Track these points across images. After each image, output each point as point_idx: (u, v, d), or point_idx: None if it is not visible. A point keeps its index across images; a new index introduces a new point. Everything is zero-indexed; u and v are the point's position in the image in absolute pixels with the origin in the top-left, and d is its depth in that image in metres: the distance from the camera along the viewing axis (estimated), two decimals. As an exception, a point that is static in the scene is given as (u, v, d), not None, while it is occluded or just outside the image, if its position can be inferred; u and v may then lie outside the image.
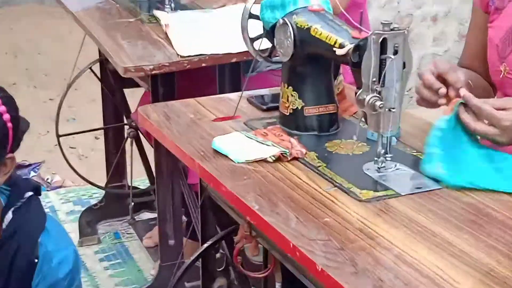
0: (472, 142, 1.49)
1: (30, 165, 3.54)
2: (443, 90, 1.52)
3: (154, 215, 2.89)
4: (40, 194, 1.72)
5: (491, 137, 1.46)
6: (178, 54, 2.23)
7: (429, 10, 4.48)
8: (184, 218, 2.67)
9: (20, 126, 1.61)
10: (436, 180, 1.42)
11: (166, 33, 2.40)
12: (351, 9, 2.28)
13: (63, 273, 1.66)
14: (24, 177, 1.75)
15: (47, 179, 3.54)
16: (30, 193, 1.68)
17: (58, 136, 3.06)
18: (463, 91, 1.47)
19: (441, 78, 1.54)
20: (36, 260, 1.62)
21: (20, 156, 3.36)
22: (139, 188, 3.21)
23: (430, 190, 1.40)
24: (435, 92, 1.54)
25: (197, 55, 2.23)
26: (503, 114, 1.43)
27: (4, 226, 1.62)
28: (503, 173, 1.47)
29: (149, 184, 3.20)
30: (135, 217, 3.09)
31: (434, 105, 1.58)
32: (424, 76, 1.56)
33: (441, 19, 4.52)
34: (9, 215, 1.62)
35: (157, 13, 2.56)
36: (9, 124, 1.53)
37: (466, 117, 1.46)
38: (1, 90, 1.60)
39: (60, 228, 1.74)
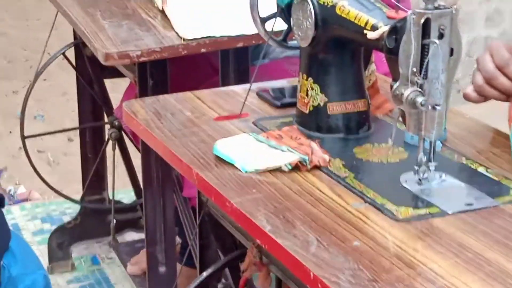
0: None
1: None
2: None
3: (141, 235, 2.90)
4: (3, 206, 1.74)
5: None
6: (180, 37, 2.23)
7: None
8: (178, 239, 2.67)
9: None
10: (492, 196, 1.42)
11: (160, 11, 2.40)
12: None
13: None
14: None
15: (10, 190, 3.54)
16: None
17: (24, 137, 3.07)
18: None
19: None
20: None
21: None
22: (122, 203, 3.22)
23: (483, 208, 1.39)
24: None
25: (198, 39, 2.23)
26: None
27: None
28: None
29: (135, 198, 3.22)
30: (118, 238, 3.09)
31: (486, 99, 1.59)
32: (485, 65, 1.57)
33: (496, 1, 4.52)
34: None
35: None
36: None
37: None
38: None
39: (27, 248, 1.76)
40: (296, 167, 1.51)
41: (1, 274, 1.68)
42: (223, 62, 2.43)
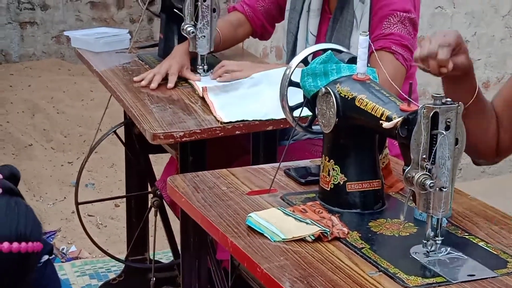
0: None
1: (44, 233, 3.55)
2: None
3: (178, 292, 2.88)
4: (51, 255, 1.74)
5: None
6: (217, 120, 2.24)
7: (481, 75, 4.49)
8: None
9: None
10: (491, 268, 1.42)
11: (200, 97, 2.42)
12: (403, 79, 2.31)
13: None
14: None
15: (62, 249, 3.54)
16: (46, 257, 1.70)
17: (77, 203, 3.07)
18: None
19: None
20: None
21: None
22: (162, 262, 3.20)
23: (484, 279, 1.38)
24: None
25: (234, 122, 2.24)
26: None
27: None
28: None
29: (172, 258, 3.19)
30: (158, 294, 3.08)
31: None
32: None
33: (494, 86, 4.52)
34: None
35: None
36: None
37: None
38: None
39: None
40: (318, 238, 1.51)
41: None
42: (254, 143, 2.43)
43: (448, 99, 1.40)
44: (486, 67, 4.52)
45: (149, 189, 3.09)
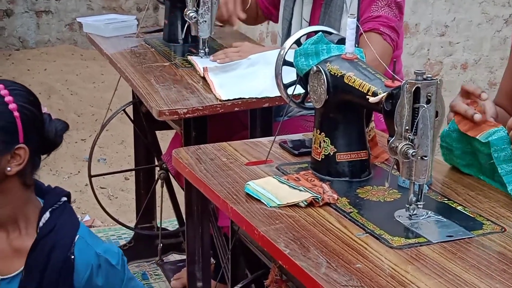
0: None
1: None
2: (477, 116, 1.55)
3: (183, 256, 2.90)
4: (70, 202, 1.76)
5: None
6: (217, 98, 2.24)
7: (459, 57, 4.50)
8: (212, 260, 2.66)
9: (41, 121, 1.68)
10: (468, 229, 1.42)
11: (201, 77, 2.42)
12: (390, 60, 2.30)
13: (115, 256, 1.71)
14: (55, 186, 1.80)
15: (79, 218, 3.55)
16: (65, 198, 1.75)
17: (90, 176, 3.08)
18: None
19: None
20: (72, 257, 1.66)
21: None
22: (168, 230, 3.22)
23: (461, 239, 1.39)
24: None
25: (233, 100, 2.25)
26: None
27: (41, 224, 1.67)
28: None
29: (178, 226, 3.21)
30: (164, 259, 3.10)
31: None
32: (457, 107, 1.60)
33: (471, 67, 4.52)
34: (46, 215, 1.69)
35: (192, 58, 2.60)
36: (16, 113, 1.60)
37: None
38: (14, 83, 1.69)
39: (92, 233, 1.76)
40: (311, 204, 1.52)
41: (76, 245, 1.68)
42: (252, 119, 2.43)
43: (429, 75, 1.40)
44: (464, 50, 4.52)
45: (156, 163, 3.10)
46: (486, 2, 4.51)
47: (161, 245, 3.05)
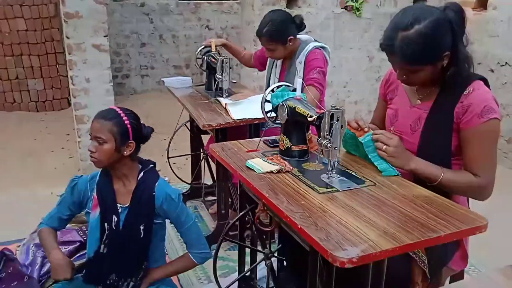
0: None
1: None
2: (366, 129, 1.54)
3: (215, 198, 2.88)
4: (155, 166, 1.75)
5: (384, 156, 1.46)
6: (232, 119, 2.24)
7: (354, 97, 4.49)
8: (230, 200, 2.66)
9: (140, 128, 1.68)
10: (357, 183, 1.42)
11: (224, 108, 2.41)
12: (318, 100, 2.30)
13: (175, 194, 1.70)
14: (148, 159, 1.82)
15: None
16: (152, 165, 1.75)
17: (168, 158, 3.08)
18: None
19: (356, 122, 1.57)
20: (154, 193, 1.67)
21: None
22: (207, 184, 3.18)
23: (354, 189, 1.39)
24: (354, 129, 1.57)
25: (240, 119, 2.24)
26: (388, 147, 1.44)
27: (138, 178, 1.69)
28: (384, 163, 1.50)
29: (212, 182, 3.19)
30: (205, 199, 3.08)
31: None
32: (351, 122, 1.57)
33: (359, 103, 4.52)
34: (141, 174, 1.70)
35: (219, 99, 2.57)
36: (129, 126, 1.62)
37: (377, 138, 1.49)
38: (127, 109, 1.67)
39: (167, 182, 1.76)
40: (279, 171, 1.51)
41: (157, 187, 1.69)
42: (249, 129, 2.44)
43: (337, 107, 1.39)
44: (356, 95, 4.49)
45: (201, 151, 3.08)
46: (368, 70, 4.49)
47: (204, 192, 3.04)
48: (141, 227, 1.67)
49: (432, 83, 1.51)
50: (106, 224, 1.66)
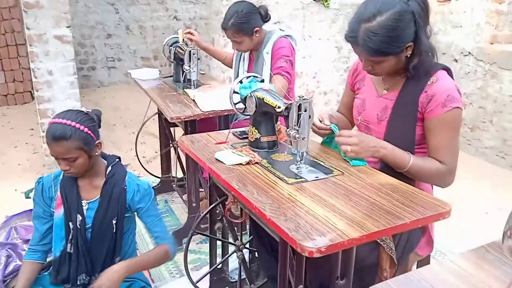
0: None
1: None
2: (324, 132, 1.56)
3: (185, 190, 2.86)
4: (120, 161, 1.74)
5: (356, 156, 1.48)
6: (201, 110, 2.20)
7: (323, 88, 4.52)
8: (201, 191, 2.65)
9: (98, 123, 1.63)
10: (326, 173, 1.43)
11: (192, 100, 2.38)
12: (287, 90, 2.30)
13: (147, 185, 1.69)
14: (112, 154, 1.78)
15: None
16: (117, 160, 1.72)
17: (136, 152, 3.02)
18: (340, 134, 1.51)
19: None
20: (125, 187, 1.65)
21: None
22: (178, 177, 3.14)
23: (322, 179, 1.40)
24: (319, 128, 1.59)
25: (209, 111, 2.21)
26: (350, 139, 1.46)
27: (107, 172, 1.66)
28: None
29: (183, 175, 3.15)
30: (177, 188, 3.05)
31: (321, 134, 1.61)
32: (316, 124, 1.58)
33: (328, 94, 4.56)
34: (109, 168, 1.67)
35: (187, 90, 2.54)
36: (89, 132, 1.56)
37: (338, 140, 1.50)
38: (77, 115, 1.57)
39: (135, 175, 1.74)
40: (248, 163, 1.51)
41: (127, 181, 1.66)
42: (219, 120, 2.41)
43: (306, 97, 1.39)
44: (325, 85, 4.53)
45: (171, 143, 3.05)
46: (337, 61, 4.53)
47: (174, 185, 3.01)
48: (114, 222, 1.64)
49: (397, 73, 1.54)
50: (70, 223, 1.63)
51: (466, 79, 4.00)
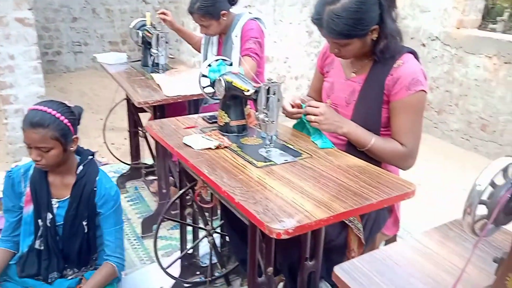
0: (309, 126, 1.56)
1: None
2: (296, 116, 1.55)
3: (155, 177, 2.83)
4: (93, 156, 1.69)
5: (317, 126, 1.49)
6: (166, 95, 2.17)
7: (294, 73, 4.52)
8: (171, 178, 2.62)
9: (78, 118, 1.59)
10: (295, 156, 1.44)
11: (158, 85, 2.34)
12: (256, 72, 2.28)
13: (114, 191, 1.64)
14: (86, 149, 1.74)
15: (100, 160, 3.40)
16: (91, 157, 1.68)
17: (105, 139, 2.96)
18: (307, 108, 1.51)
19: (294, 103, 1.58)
20: (95, 189, 1.61)
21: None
22: (147, 164, 3.11)
23: (291, 162, 1.40)
24: (291, 113, 1.57)
25: (176, 96, 2.18)
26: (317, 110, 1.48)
27: (78, 171, 1.62)
28: (320, 138, 1.54)
29: (152, 162, 3.12)
30: (146, 178, 3.01)
31: (291, 117, 1.61)
32: (286, 109, 1.58)
33: (299, 78, 4.56)
34: (80, 167, 1.62)
35: (153, 75, 2.49)
36: (69, 124, 1.52)
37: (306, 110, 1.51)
38: (59, 105, 1.54)
39: (107, 175, 1.70)
40: (218, 147, 1.50)
41: (98, 182, 1.63)
42: (189, 105, 2.39)
43: (275, 81, 1.39)
44: (296, 70, 4.54)
45: (140, 130, 3.00)
46: (308, 45, 4.54)
47: (144, 172, 2.97)
48: (84, 223, 1.61)
49: (365, 56, 1.55)
50: (40, 220, 1.59)
51: (434, 63, 4.09)
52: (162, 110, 2.26)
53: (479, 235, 0.82)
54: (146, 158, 3.08)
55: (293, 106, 1.58)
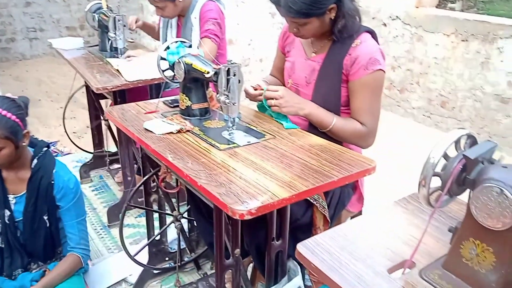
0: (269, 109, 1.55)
1: (51, 142, 3.30)
2: (260, 98, 1.55)
3: (119, 165, 2.78)
4: (49, 148, 1.63)
5: (278, 110, 1.49)
6: (126, 80, 2.12)
7: (259, 55, 4.50)
8: (135, 165, 2.58)
9: (25, 111, 1.53)
10: (258, 138, 1.44)
11: (116, 70, 2.28)
12: (216, 54, 2.25)
13: (72, 183, 1.60)
14: (40, 140, 1.68)
15: (62, 150, 3.31)
16: (46, 148, 1.62)
17: (64, 127, 2.87)
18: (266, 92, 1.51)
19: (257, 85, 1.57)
20: (52, 182, 1.56)
21: (45, 138, 3.16)
22: (111, 152, 3.04)
23: (254, 143, 1.40)
24: (254, 96, 1.57)
25: (136, 80, 2.13)
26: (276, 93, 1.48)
27: (33, 165, 1.57)
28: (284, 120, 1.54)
29: (116, 149, 3.06)
30: (110, 167, 2.95)
31: (254, 100, 1.61)
32: (249, 92, 1.57)
33: (264, 61, 4.54)
34: (35, 160, 1.57)
35: (111, 59, 2.41)
36: (17, 120, 1.46)
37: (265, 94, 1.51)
38: (4, 102, 1.46)
39: (65, 166, 1.65)
40: (179, 131, 1.48)
41: (55, 175, 1.57)
42: (150, 89, 2.34)
43: (235, 62, 1.38)
44: (260, 51, 4.51)
45: (102, 117, 2.92)
46: (272, 27, 4.51)
47: (108, 160, 2.91)
48: (45, 217, 1.56)
49: (325, 36, 1.55)
50: None
51: (395, 42, 4.16)
52: (123, 96, 2.21)
53: (434, 206, 0.85)
54: (111, 145, 3.01)
55: (255, 89, 1.57)
